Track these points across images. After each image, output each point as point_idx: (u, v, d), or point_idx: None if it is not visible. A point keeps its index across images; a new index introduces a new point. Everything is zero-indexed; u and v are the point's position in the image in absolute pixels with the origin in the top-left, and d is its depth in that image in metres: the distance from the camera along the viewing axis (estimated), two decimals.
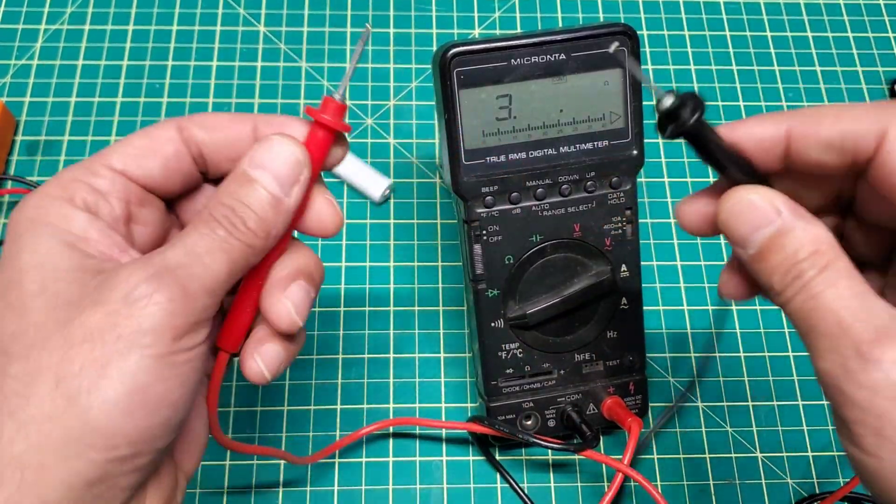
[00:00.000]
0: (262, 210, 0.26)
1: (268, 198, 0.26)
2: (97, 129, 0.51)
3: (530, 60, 0.35)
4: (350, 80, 0.28)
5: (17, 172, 0.49)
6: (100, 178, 0.26)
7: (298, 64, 0.53)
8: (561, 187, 0.38)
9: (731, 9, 0.57)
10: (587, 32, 0.36)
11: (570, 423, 0.41)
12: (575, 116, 0.37)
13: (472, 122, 0.36)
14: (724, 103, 0.53)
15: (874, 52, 0.56)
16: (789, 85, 0.54)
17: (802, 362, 0.46)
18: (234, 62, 0.53)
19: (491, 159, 0.37)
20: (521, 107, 0.36)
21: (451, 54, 0.35)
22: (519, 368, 0.41)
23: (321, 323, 0.46)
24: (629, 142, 0.38)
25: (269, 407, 0.44)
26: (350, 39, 0.54)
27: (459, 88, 0.35)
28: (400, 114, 0.52)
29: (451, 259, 0.48)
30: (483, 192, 0.37)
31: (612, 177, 0.38)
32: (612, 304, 0.40)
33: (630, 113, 0.37)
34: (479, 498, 0.43)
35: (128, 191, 0.27)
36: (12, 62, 0.53)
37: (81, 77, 0.52)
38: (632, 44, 0.36)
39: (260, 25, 0.54)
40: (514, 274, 0.39)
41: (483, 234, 0.38)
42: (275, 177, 0.26)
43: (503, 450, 0.44)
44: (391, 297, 0.47)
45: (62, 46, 0.53)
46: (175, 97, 0.52)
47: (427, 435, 0.44)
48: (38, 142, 0.50)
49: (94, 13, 0.54)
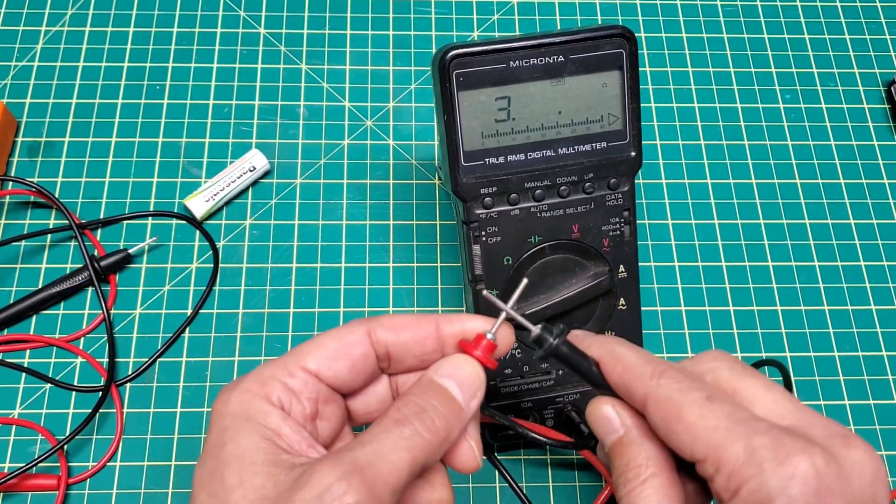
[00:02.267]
0: (448, 412, 0.28)
1: (454, 403, 0.28)
2: (98, 130, 0.51)
3: (529, 62, 0.36)
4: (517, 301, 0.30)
5: (17, 174, 0.49)
6: (294, 379, 0.29)
7: (298, 66, 0.54)
8: (559, 188, 0.38)
9: (728, 11, 0.57)
10: (585, 35, 0.36)
11: (568, 423, 0.41)
12: (573, 118, 0.37)
13: (471, 123, 0.36)
14: (721, 105, 0.54)
15: (871, 55, 0.56)
16: (786, 87, 0.54)
17: (799, 362, 0.47)
18: (235, 64, 0.53)
19: (490, 161, 0.37)
20: (520, 108, 0.36)
21: (450, 56, 0.35)
22: (517, 368, 0.41)
23: (321, 323, 0.46)
24: (627, 143, 0.38)
25: None
26: (350, 42, 0.55)
27: (458, 90, 0.36)
28: (399, 115, 0.53)
29: (450, 260, 0.48)
30: (482, 194, 0.37)
31: (610, 178, 0.39)
32: (610, 305, 0.41)
33: (628, 115, 0.38)
34: (479, 498, 0.43)
35: (318, 391, 0.29)
36: (13, 63, 0.53)
37: (82, 79, 0.52)
38: (629, 46, 0.36)
39: (260, 28, 0.55)
40: (512, 275, 0.39)
41: (482, 235, 0.38)
42: (459, 387, 0.29)
43: (502, 450, 0.44)
44: (391, 298, 0.47)
45: (63, 48, 0.53)
46: (175, 99, 0.52)
47: None
48: (38, 143, 0.50)
49: (95, 15, 0.54)
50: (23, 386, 0.44)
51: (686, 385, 0.28)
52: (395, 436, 0.27)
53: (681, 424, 0.27)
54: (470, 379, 0.29)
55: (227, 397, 0.28)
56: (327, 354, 0.29)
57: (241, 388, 0.28)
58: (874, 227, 0.50)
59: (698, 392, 0.27)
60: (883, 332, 0.47)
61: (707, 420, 0.26)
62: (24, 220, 0.48)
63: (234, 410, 0.28)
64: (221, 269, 0.48)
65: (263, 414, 0.28)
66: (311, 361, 0.29)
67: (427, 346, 0.30)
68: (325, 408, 0.30)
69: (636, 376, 0.29)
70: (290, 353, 0.30)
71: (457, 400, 0.29)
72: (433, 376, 0.29)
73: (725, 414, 0.26)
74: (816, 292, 0.48)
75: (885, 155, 0.53)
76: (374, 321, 0.30)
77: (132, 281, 0.47)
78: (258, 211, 0.49)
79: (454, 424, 0.28)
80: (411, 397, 0.28)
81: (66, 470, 0.42)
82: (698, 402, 0.27)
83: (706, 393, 0.27)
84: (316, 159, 0.51)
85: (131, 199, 0.49)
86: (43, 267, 0.47)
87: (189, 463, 0.43)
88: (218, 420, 0.28)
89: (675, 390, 0.27)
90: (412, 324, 0.30)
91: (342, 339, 0.30)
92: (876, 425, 0.45)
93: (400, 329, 0.30)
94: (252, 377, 0.29)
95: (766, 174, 0.52)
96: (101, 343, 0.46)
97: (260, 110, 0.52)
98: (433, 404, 0.28)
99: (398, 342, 0.30)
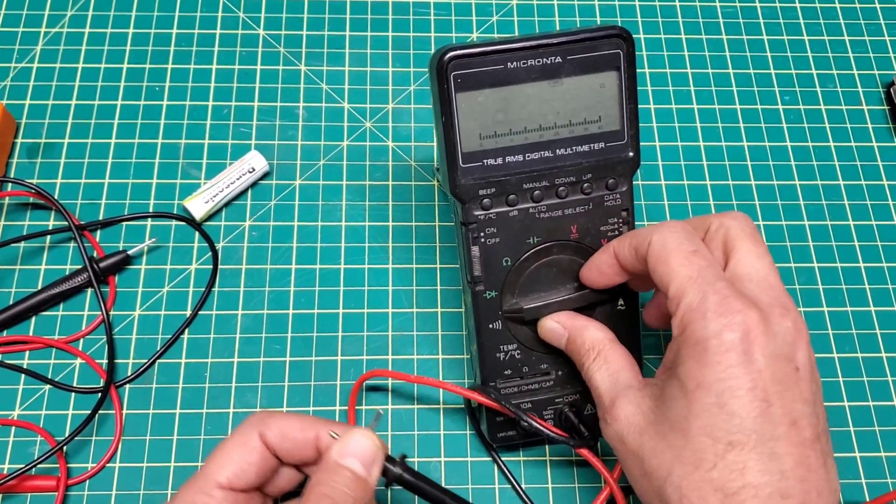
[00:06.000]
0: (356, 491, 0.31)
1: (359, 480, 0.31)
2: (97, 131, 0.51)
3: (527, 63, 0.36)
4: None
5: (17, 175, 0.49)
6: (213, 499, 0.32)
7: (297, 67, 0.54)
8: (558, 189, 0.38)
9: (727, 13, 0.57)
10: (582, 35, 0.36)
11: (568, 424, 0.41)
12: (571, 119, 0.37)
13: (469, 124, 0.36)
14: (720, 107, 0.54)
15: (870, 56, 0.56)
16: (785, 88, 0.54)
17: None
18: (234, 65, 0.53)
19: (488, 162, 0.37)
20: (518, 109, 0.36)
21: (447, 57, 0.35)
22: (517, 369, 0.41)
23: (320, 324, 0.46)
24: (625, 144, 0.38)
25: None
26: (349, 43, 0.55)
27: (456, 91, 0.36)
28: (398, 117, 0.53)
29: (449, 261, 0.48)
30: (480, 195, 0.37)
31: (608, 179, 0.39)
32: (609, 306, 0.41)
33: (626, 115, 0.38)
34: (479, 498, 0.43)
35: (236, 500, 0.33)
36: (13, 65, 0.53)
37: (82, 80, 0.53)
38: (627, 47, 0.36)
39: (259, 29, 0.55)
40: (511, 276, 0.39)
41: (481, 236, 0.38)
42: (362, 462, 0.32)
43: (502, 450, 0.44)
44: (390, 299, 0.47)
45: (62, 49, 0.53)
46: (174, 100, 0.52)
47: (427, 435, 0.44)
48: (38, 144, 0.51)
49: (94, 16, 0.55)
50: (22, 387, 0.45)
51: (681, 237, 0.34)
52: None
53: (666, 266, 0.33)
54: (370, 451, 0.32)
55: None
56: (234, 468, 0.32)
57: None
58: (873, 228, 0.50)
59: (688, 245, 0.33)
60: (882, 333, 0.47)
61: (683, 268, 0.32)
62: (24, 222, 0.49)
63: None
64: (221, 271, 0.48)
65: None
66: (223, 476, 0.32)
67: (306, 455, 0.33)
68: None
69: (646, 227, 0.35)
70: (201, 471, 0.33)
71: (362, 476, 0.31)
72: (337, 459, 0.31)
73: (698, 269, 0.32)
74: (815, 293, 0.48)
75: (884, 156, 0.53)
76: (265, 423, 0.33)
77: (131, 282, 0.47)
78: (257, 212, 0.49)
79: (363, 498, 0.31)
80: (320, 489, 0.30)
81: (66, 471, 0.42)
82: (684, 252, 0.33)
83: (693, 248, 0.33)
84: (315, 160, 0.51)
85: (130, 201, 0.49)
86: (42, 268, 0.47)
87: (189, 464, 0.43)
88: None
89: (671, 239, 0.34)
90: (296, 431, 0.33)
91: (244, 447, 0.33)
92: (875, 427, 0.45)
93: (284, 438, 0.33)
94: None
95: (765, 175, 0.52)
96: (101, 344, 0.46)
97: (259, 112, 0.52)
98: (342, 490, 0.30)
99: (283, 449, 0.33)
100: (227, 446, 0.33)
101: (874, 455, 0.44)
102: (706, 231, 0.36)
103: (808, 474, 0.30)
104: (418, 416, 0.45)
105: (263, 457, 0.33)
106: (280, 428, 0.33)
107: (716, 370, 0.30)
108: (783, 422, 0.30)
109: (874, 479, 0.44)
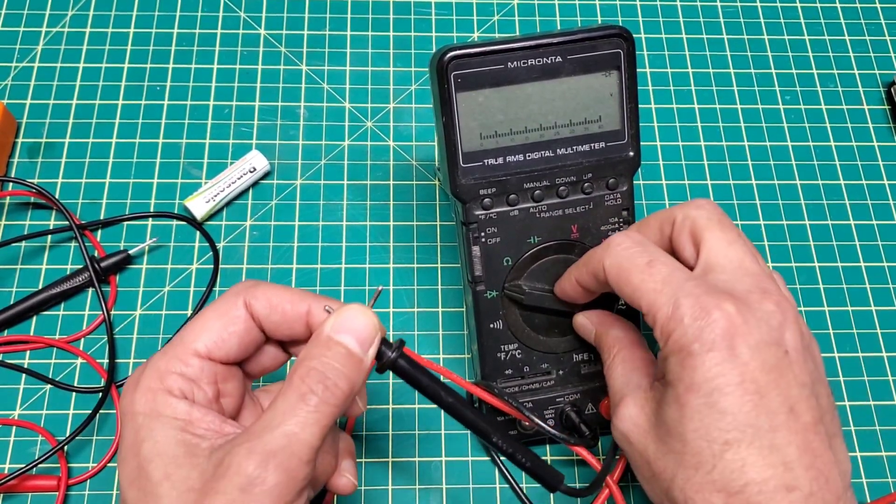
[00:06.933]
0: (349, 370, 0.29)
1: (353, 358, 0.29)
2: (98, 131, 0.51)
3: (527, 63, 0.36)
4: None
5: (18, 174, 0.49)
6: (190, 367, 0.30)
7: (299, 67, 0.54)
8: (558, 189, 0.38)
9: (728, 12, 0.57)
10: (583, 35, 0.36)
11: (568, 423, 0.41)
12: (571, 118, 0.37)
13: (470, 124, 0.36)
14: (721, 106, 0.54)
15: (871, 55, 0.56)
16: (786, 88, 0.54)
17: None
18: (235, 65, 0.53)
19: (489, 162, 0.37)
20: (518, 109, 0.37)
21: (448, 57, 0.35)
22: (518, 369, 0.41)
23: None
24: (625, 143, 0.38)
25: None
26: (350, 43, 0.55)
27: (457, 91, 0.36)
28: (399, 116, 0.53)
29: (450, 261, 0.48)
30: (481, 195, 0.37)
31: (608, 178, 0.39)
32: (609, 305, 0.41)
33: (626, 115, 0.38)
34: (479, 498, 0.43)
35: (214, 373, 0.31)
36: (13, 64, 0.53)
37: (82, 79, 0.53)
38: (627, 46, 0.37)
39: (260, 28, 0.55)
40: (512, 275, 0.39)
41: (481, 235, 0.38)
42: (357, 340, 0.29)
43: None
44: (391, 299, 0.47)
45: (63, 49, 0.53)
46: (175, 100, 0.52)
47: (427, 435, 0.44)
48: (39, 144, 0.51)
49: (95, 16, 0.55)
50: (23, 387, 0.45)
51: (632, 252, 0.33)
52: (302, 413, 0.28)
53: (629, 286, 0.32)
54: (367, 330, 0.29)
55: (132, 398, 0.29)
56: (214, 336, 0.30)
57: (142, 386, 0.29)
58: (874, 227, 0.50)
59: (641, 258, 0.33)
60: (883, 332, 0.47)
61: (647, 283, 0.32)
62: (25, 221, 0.49)
63: (142, 410, 0.29)
64: (222, 270, 0.48)
65: (170, 407, 0.29)
66: (201, 345, 0.30)
67: (295, 330, 0.31)
68: (226, 385, 0.31)
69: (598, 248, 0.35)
70: (178, 339, 0.30)
71: (356, 354, 0.29)
72: (330, 333, 0.29)
73: (661, 278, 0.32)
74: (816, 293, 0.48)
75: (885, 156, 0.53)
76: (250, 291, 0.31)
77: (132, 282, 0.47)
78: (258, 212, 0.49)
79: (356, 380, 0.29)
80: (310, 363, 0.28)
81: (67, 471, 0.42)
82: (640, 267, 0.32)
83: (648, 258, 0.33)
84: (316, 160, 0.51)
85: (131, 200, 0.49)
86: (43, 268, 0.47)
87: None
88: (129, 420, 0.29)
89: (624, 258, 0.33)
90: (286, 303, 0.31)
91: (225, 316, 0.30)
92: (876, 426, 0.45)
93: (272, 309, 0.31)
94: (149, 373, 0.30)
95: (766, 175, 0.52)
96: (102, 344, 0.46)
97: (260, 111, 0.52)
98: (334, 366, 0.28)
99: (270, 322, 0.31)
100: (208, 313, 0.31)
101: (875, 454, 0.44)
102: (672, 225, 0.35)
103: (814, 460, 0.29)
104: (419, 415, 0.45)
105: (247, 328, 0.31)
106: (268, 298, 0.31)
107: (702, 371, 0.30)
108: (780, 410, 0.29)
109: (875, 479, 0.44)
